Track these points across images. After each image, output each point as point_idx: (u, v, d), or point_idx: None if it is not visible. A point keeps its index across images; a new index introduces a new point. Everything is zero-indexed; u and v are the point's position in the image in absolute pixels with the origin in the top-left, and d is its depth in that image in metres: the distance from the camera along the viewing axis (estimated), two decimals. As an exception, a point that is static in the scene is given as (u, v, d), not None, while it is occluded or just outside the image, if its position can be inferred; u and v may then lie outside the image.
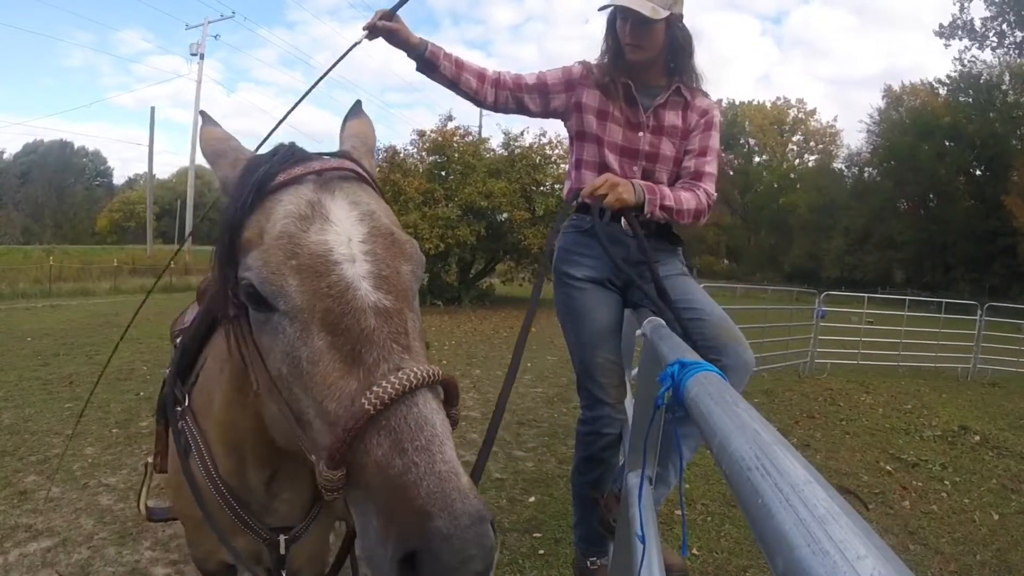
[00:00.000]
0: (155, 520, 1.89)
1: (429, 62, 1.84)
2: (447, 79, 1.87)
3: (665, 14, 1.67)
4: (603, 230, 1.56)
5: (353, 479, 0.71)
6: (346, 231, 0.81)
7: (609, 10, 1.78)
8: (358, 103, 1.25)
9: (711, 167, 1.84)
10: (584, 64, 1.90)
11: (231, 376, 1.04)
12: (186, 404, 1.26)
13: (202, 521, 1.24)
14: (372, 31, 1.76)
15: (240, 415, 1.05)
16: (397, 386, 0.69)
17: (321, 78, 1.76)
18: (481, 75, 1.88)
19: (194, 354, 1.30)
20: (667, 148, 1.83)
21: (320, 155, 0.94)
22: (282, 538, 1.24)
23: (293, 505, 1.25)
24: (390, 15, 1.76)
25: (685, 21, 1.79)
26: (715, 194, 1.83)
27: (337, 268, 0.78)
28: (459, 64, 1.86)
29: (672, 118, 1.83)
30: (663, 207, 1.69)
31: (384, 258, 0.81)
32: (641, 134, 1.83)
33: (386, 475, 0.67)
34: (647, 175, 1.84)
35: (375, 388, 0.69)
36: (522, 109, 1.93)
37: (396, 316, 0.77)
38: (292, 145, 0.95)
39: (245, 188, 0.87)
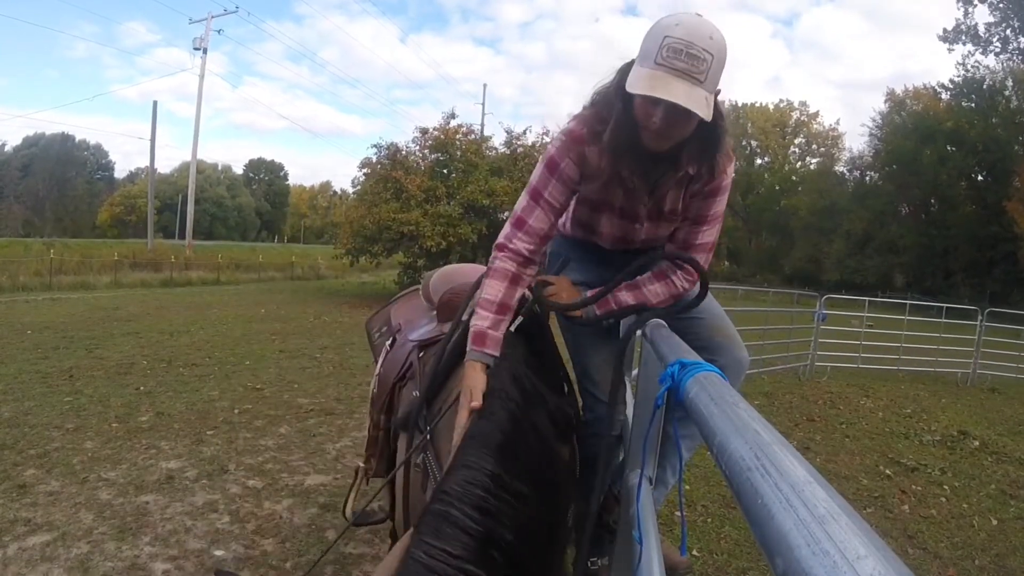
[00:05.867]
0: (358, 525, 1.80)
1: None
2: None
3: (711, 103, 1.27)
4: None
5: None
6: None
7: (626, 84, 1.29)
8: None
9: (706, 236, 1.56)
10: (574, 155, 1.47)
11: None
12: (427, 439, 1.24)
13: None
14: None
15: None
16: None
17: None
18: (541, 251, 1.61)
19: (443, 380, 1.27)
20: (665, 231, 1.63)
21: None
22: None
23: None
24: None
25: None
26: (705, 265, 1.54)
27: None
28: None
29: (672, 199, 1.55)
30: (618, 309, 1.57)
31: None
32: (638, 225, 1.60)
33: None
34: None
35: None
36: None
37: None
38: None
39: None
